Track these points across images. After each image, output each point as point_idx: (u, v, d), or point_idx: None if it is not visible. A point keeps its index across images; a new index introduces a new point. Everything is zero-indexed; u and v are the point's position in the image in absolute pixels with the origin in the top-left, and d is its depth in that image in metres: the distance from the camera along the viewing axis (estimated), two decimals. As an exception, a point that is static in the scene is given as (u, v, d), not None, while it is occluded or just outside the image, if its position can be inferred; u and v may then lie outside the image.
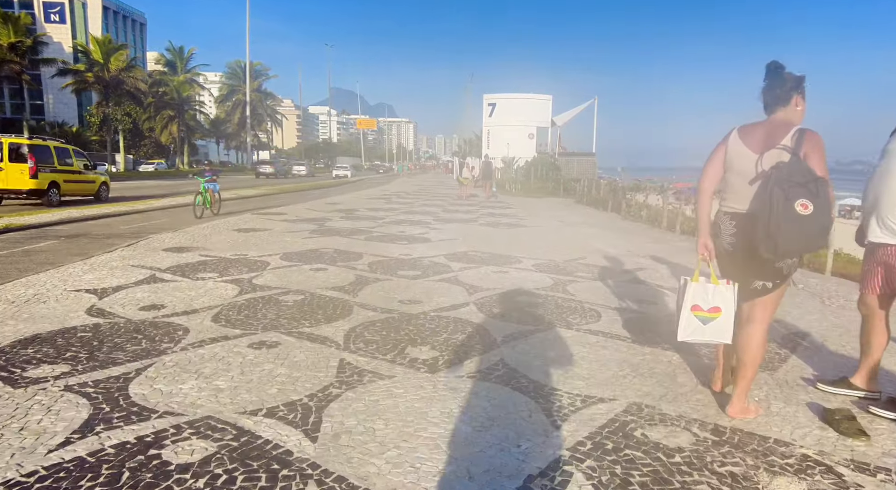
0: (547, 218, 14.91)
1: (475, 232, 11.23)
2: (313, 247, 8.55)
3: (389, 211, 15.59)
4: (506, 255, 8.20)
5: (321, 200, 19.43)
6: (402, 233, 10.63)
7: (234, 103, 66.19)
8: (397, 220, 12.93)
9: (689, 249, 9.63)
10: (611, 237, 11.01)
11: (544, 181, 29.64)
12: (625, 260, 8.17)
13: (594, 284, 6.34)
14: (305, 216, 13.46)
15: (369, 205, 17.80)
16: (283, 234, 9.93)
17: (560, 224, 13.40)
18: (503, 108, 50.72)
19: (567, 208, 19.19)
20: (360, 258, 7.64)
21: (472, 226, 12.35)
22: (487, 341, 4.14)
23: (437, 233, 10.81)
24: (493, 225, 12.67)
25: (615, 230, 12.48)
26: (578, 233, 11.62)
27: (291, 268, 6.82)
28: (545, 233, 11.43)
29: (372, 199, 21.01)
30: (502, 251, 8.64)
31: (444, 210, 16.52)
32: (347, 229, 10.93)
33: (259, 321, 4.52)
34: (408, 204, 18.62)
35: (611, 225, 13.72)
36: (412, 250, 8.46)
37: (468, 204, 19.37)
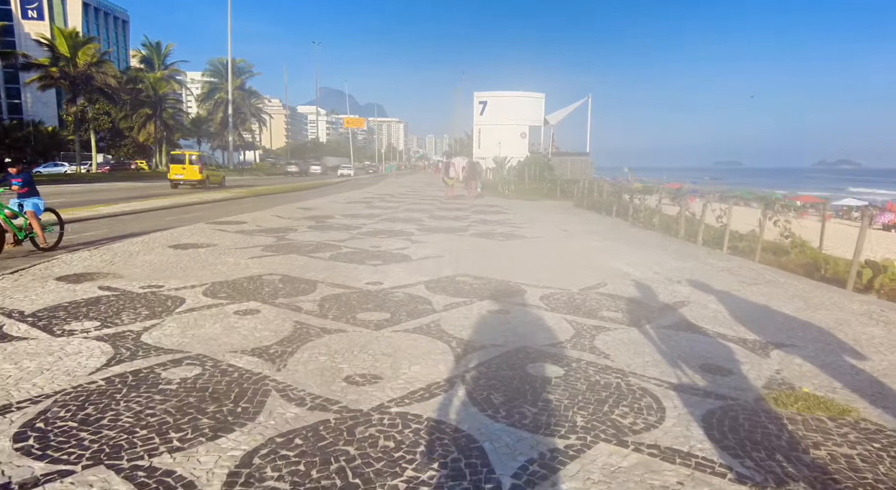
0: (546, 225, 13.10)
1: (465, 245, 9.40)
2: (256, 271, 6.67)
3: (368, 218, 13.72)
4: (505, 283, 6.37)
5: (294, 204, 17.51)
6: (376, 248, 8.77)
7: (217, 102, 63.78)
8: (374, 231, 11.07)
9: (726, 269, 7.86)
10: (627, 251, 9.21)
11: (539, 182, 27.89)
12: (657, 287, 6.36)
13: (631, 334, 4.52)
14: (267, 225, 11.55)
15: (348, 210, 15.91)
16: (227, 252, 8.04)
17: (563, 234, 11.60)
18: (494, 106, 48.99)
19: (566, 213, 17.41)
20: (312, 290, 5.77)
21: (461, 237, 10.52)
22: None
23: (419, 247, 8.97)
24: (486, 235, 10.83)
25: (628, 241, 10.69)
26: (587, 246, 9.82)
27: (210, 309, 4.94)
28: (548, 246, 9.61)
29: (352, 203, 19.11)
30: (500, 275, 6.80)
31: (431, 216, 14.68)
32: (311, 244, 9.05)
33: (89, 443, 2.64)
34: (391, 209, 16.75)
35: (621, 234, 11.93)
36: (385, 275, 6.60)
37: (457, 208, 17.53)
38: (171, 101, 52.69)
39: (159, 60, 50.64)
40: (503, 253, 8.69)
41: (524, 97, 49.76)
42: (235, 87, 63.13)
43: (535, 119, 48.90)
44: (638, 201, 14.72)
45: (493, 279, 6.56)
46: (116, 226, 11.48)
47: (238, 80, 64.38)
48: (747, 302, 5.81)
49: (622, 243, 10.32)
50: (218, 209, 15.85)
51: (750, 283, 6.82)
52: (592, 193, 18.92)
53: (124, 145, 59.53)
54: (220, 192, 24.07)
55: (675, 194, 12.31)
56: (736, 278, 7.14)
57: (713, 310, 5.42)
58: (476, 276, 6.71)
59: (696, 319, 5.04)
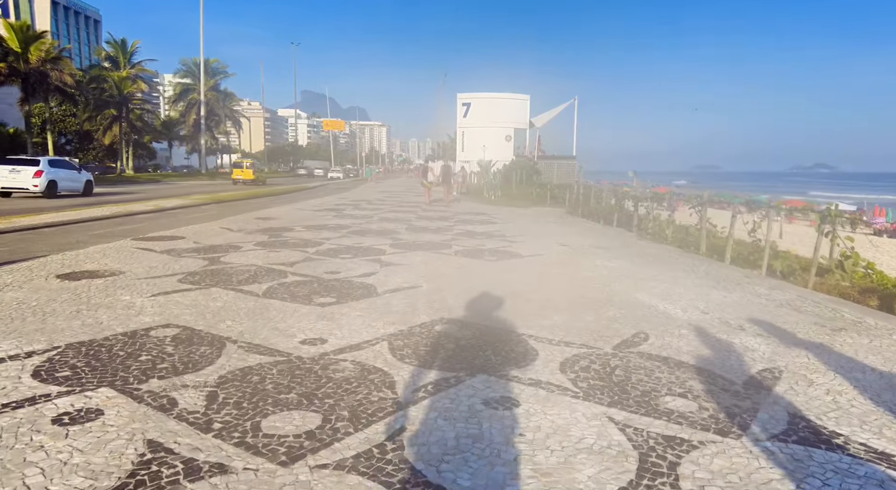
0: (543, 238, 11.22)
1: (449, 269, 7.46)
2: (147, 321, 4.65)
3: (335, 230, 11.71)
4: (506, 335, 4.44)
5: (254, 213, 15.42)
6: (333, 276, 6.79)
7: (189, 103, 61.17)
8: (337, 248, 9.08)
9: (786, 303, 6.04)
10: (650, 275, 7.35)
11: (527, 187, 26.10)
12: (718, 340, 4.49)
13: (735, 461, 2.61)
14: (207, 241, 9.49)
15: (313, 220, 13.88)
16: (129, 285, 6.00)
17: (565, 250, 9.72)
18: (478, 108, 47.17)
19: (561, 222, 15.57)
20: (212, 360, 3.77)
21: (444, 256, 8.58)
22: None
23: (389, 273, 7.01)
24: (474, 254, 8.91)
25: (645, 260, 8.84)
26: (599, 268, 7.94)
27: (19, 412, 2.93)
28: (552, 270, 7.71)
29: (320, 211, 17.06)
30: (497, 319, 4.88)
31: (410, 227, 12.73)
32: (248, 270, 7.03)
33: None
34: (364, 218, 14.76)
35: (632, 250, 10.09)
36: (333, 325, 4.63)
37: (440, 217, 15.60)
38: (137, 102, 49.92)
39: (125, 59, 47.85)
40: (497, 280, 6.76)
41: (509, 99, 48.07)
42: (209, 87, 60.68)
43: (521, 121, 47.19)
44: (644, 210, 12.92)
45: (488, 328, 4.62)
46: (21, 244, 9.33)
47: (211, 81, 61.92)
48: (862, 367, 3.96)
49: (639, 264, 8.46)
50: (164, 219, 13.72)
51: (836, 329, 4.99)
52: (589, 200, 17.12)
53: (92, 148, 56.58)
54: (177, 198, 21.78)
55: (694, 202, 10.50)
56: (811, 320, 5.30)
57: (826, 389, 3.54)
58: (464, 323, 4.76)
59: (817, 414, 3.15)
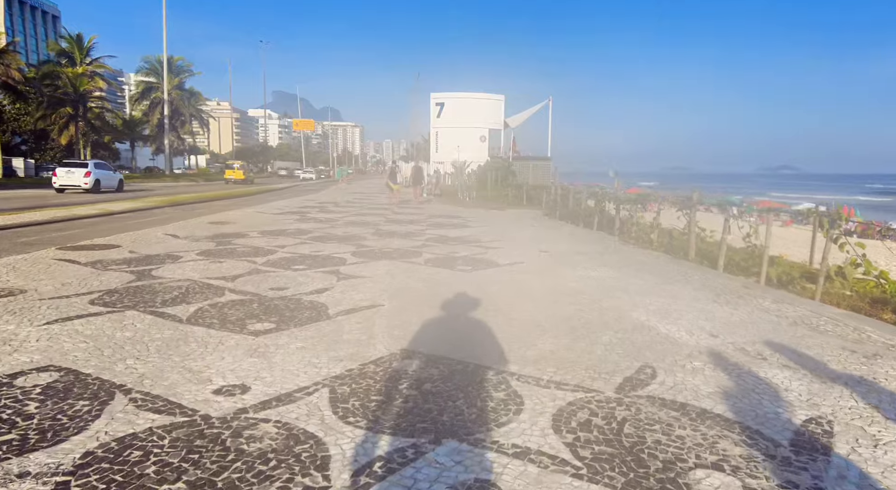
0: (522, 244, 10.38)
1: (416, 281, 6.54)
2: (25, 361, 3.60)
3: (294, 236, 10.68)
4: (481, 373, 3.54)
5: (208, 217, 14.24)
6: (279, 292, 5.80)
7: (153, 102, 58.98)
8: (291, 258, 8.07)
9: (801, 320, 5.29)
10: (642, 288, 6.55)
11: (502, 188, 25.36)
12: (742, 379, 3.66)
13: None
14: (143, 251, 8.38)
15: (272, 225, 12.81)
16: (25, 309, 4.91)
17: (547, 257, 8.88)
18: (452, 108, 46.38)
19: (539, 225, 14.79)
20: (85, 422, 2.78)
21: (412, 265, 7.65)
22: None
23: (347, 288, 6.05)
24: (446, 262, 8.00)
25: (633, 268, 8.05)
26: (586, 279, 7.11)
27: None
28: (534, 281, 6.85)
29: (282, 214, 15.96)
30: (469, 353, 3.97)
31: (377, 231, 11.76)
32: (180, 286, 5.99)
33: None
34: (328, 222, 13.73)
35: (617, 256, 9.31)
36: (262, 362, 3.66)
37: (411, 220, 14.67)
38: (95, 100, 47.63)
39: (81, 55, 45.55)
40: (472, 296, 5.87)
41: (483, 99, 47.44)
42: (173, 86, 58.59)
43: (495, 122, 46.58)
44: (626, 213, 12.20)
45: (460, 365, 3.72)
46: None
47: (176, 80, 59.83)
48: None
49: (627, 273, 7.67)
50: (107, 224, 12.47)
51: (869, 356, 4.22)
52: (567, 202, 16.38)
53: (49, 148, 53.95)
54: (130, 201, 20.35)
55: (680, 204, 9.80)
56: (836, 344, 4.53)
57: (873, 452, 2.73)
58: (430, 357, 3.85)
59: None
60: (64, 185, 24.54)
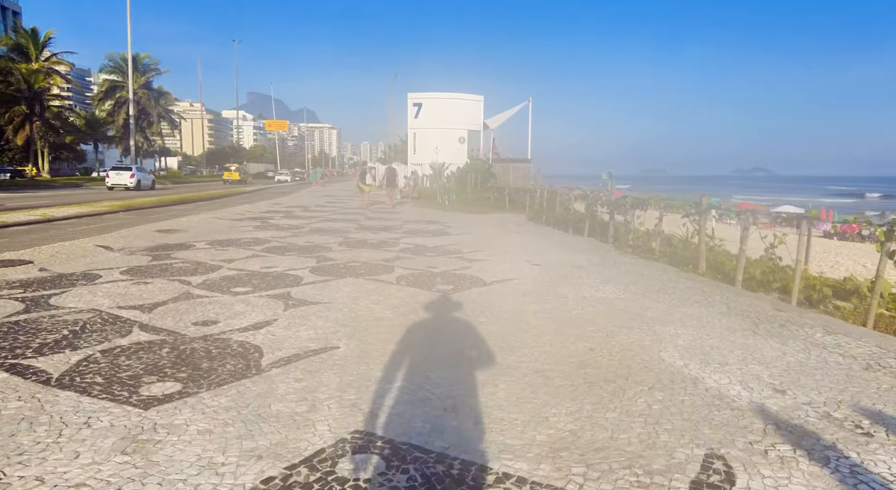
0: (509, 254, 9.18)
1: (383, 310, 5.26)
2: None
3: (247, 247, 9.31)
4: (473, 478, 2.28)
5: (158, 224, 12.74)
6: (205, 328, 4.47)
7: (118, 101, 56.48)
8: (236, 276, 6.73)
9: (879, 364, 4.17)
10: (665, 316, 5.37)
11: (483, 191, 24.21)
12: (860, 479, 2.49)
13: None
14: (59, 267, 6.94)
15: (226, 234, 11.40)
16: None
17: (540, 272, 7.68)
18: (430, 108, 45.08)
19: (525, 231, 13.62)
20: None
21: (380, 287, 6.37)
22: None
23: (295, 318, 4.75)
24: (422, 282, 6.73)
25: (643, 286, 6.89)
26: (591, 301, 5.92)
27: None
28: (530, 306, 5.63)
29: (242, 220, 14.52)
30: (451, 437, 2.71)
31: (345, 240, 10.45)
32: (77, 320, 4.62)
33: None
34: (292, 230, 12.36)
35: (618, 269, 8.16)
36: (131, 472, 2.34)
37: (384, 227, 13.38)
38: (51, 97, 45.17)
39: (36, 50, 43.07)
40: (455, 331, 4.62)
41: (462, 99, 46.25)
42: (139, 85, 56.19)
43: (475, 123, 45.46)
44: (621, 218, 11.08)
45: (440, 461, 2.46)
46: None
47: (143, 78, 57.42)
48: None
49: (636, 291, 6.51)
50: (37, 234, 10.92)
51: None
52: (554, 206, 15.24)
53: (8, 149, 51.23)
54: (80, 206, 18.61)
55: (692, 210, 8.71)
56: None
57: None
58: (396, 449, 2.58)
59: None
60: (115, 184, 30.64)
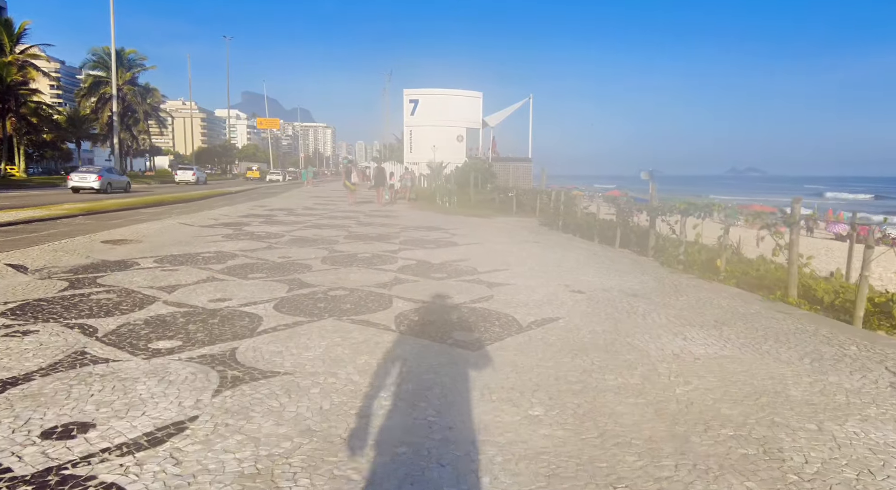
0: (538, 274, 7.23)
1: (376, 392, 3.31)
2: None
3: (206, 263, 7.33)
4: None
5: (108, 232, 10.73)
6: (72, 437, 2.52)
7: (102, 98, 54.24)
8: (172, 314, 4.75)
9: None
10: (827, 399, 3.45)
11: (487, 192, 22.30)
12: None
13: None
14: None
15: (188, 244, 9.41)
16: None
17: (591, 308, 5.73)
18: (427, 105, 43.10)
19: (543, 240, 11.68)
20: None
21: (372, 335, 4.40)
22: None
23: (231, 411, 2.79)
24: (431, 324, 4.77)
25: (745, 332, 4.97)
26: (693, 364, 3.97)
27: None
28: (608, 379, 3.68)
29: (214, 226, 12.52)
30: None
31: (330, 255, 8.49)
32: None
33: None
34: (269, 240, 10.38)
35: (689, 298, 6.23)
36: None
37: (378, 235, 11.41)
38: (26, 92, 42.88)
39: (10, 43, 40.76)
40: (498, 466, 2.68)
41: (460, 96, 44.32)
42: (124, 81, 54.00)
43: (473, 120, 43.53)
44: (666, 227, 9.15)
45: None
46: None
47: (128, 74, 55.22)
48: None
49: (744, 344, 4.57)
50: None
51: None
52: (573, 211, 13.31)
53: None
54: (34, 209, 16.48)
55: (772, 219, 6.80)
56: None
57: None
58: None
59: None
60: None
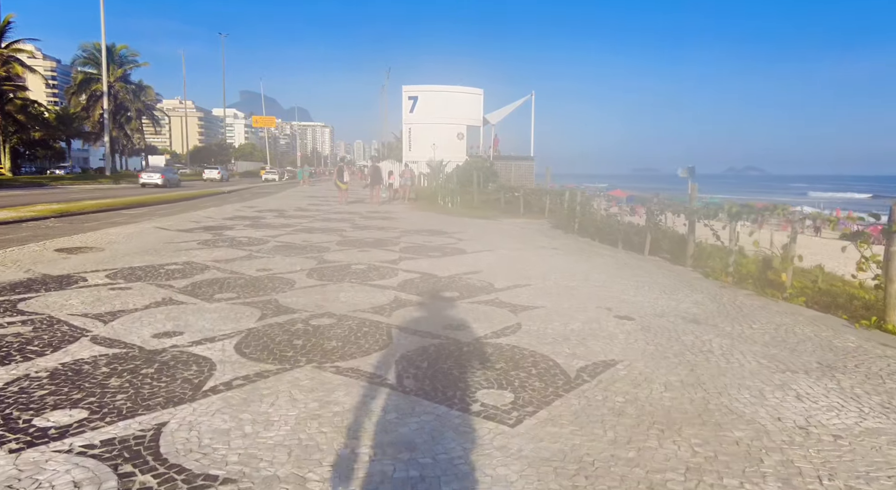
0: (570, 293, 5.98)
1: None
2: None
3: (172, 278, 6.08)
4: None
5: (72, 237, 9.47)
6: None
7: (93, 95, 52.96)
8: (93, 363, 3.51)
9: None
10: None
11: (492, 192, 21.05)
12: None
13: None
14: None
15: (156, 254, 8.16)
16: None
17: (647, 339, 4.48)
18: (427, 102, 41.78)
19: (560, 246, 10.43)
20: None
21: (364, 397, 3.16)
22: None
23: None
24: (442, 365, 3.52)
25: (864, 380, 3.74)
26: (833, 444, 2.75)
27: None
28: (695, 444, 2.43)
29: (192, 231, 11.26)
30: None
31: (318, 266, 7.24)
32: None
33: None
34: (249, 247, 9.13)
35: (765, 325, 4.98)
36: None
37: (376, 239, 10.16)
38: (10, 88, 41.54)
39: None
40: None
41: (461, 93, 42.98)
42: (116, 78, 52.75)
43: (474, 118, 42.25)
44: (707, 231, 7.90)
45: None
46: None
47: (119, 71, 53.92)
48: None
49: (849, 391, 3.33)
50: None
51: None
52: (590, 213, 12.07)
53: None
54: (4, 211, 15.26)
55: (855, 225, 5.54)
56: None
57: None
58: None
59: None
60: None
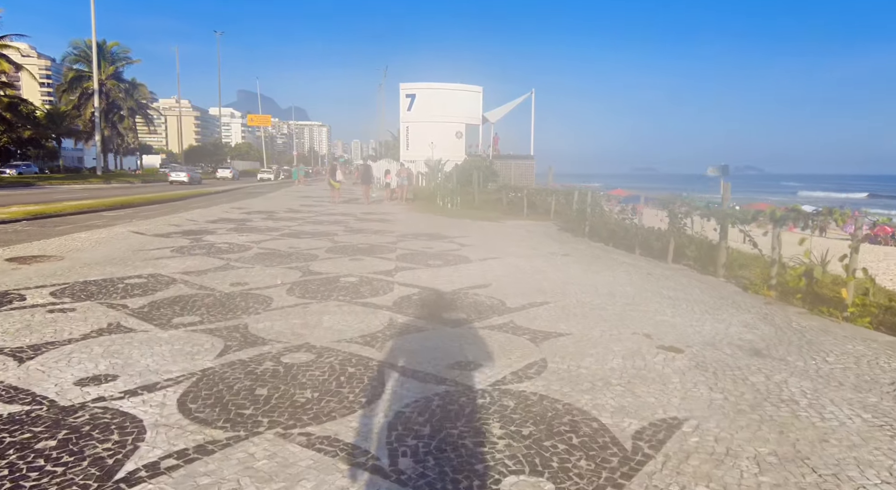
0: (596, 313, 5.08)
1: None
2: None
3: (130, 296, 5.15)
4: None
5: (32, 244, 8.53)
6: None
7: (84, 93, 51.88)
8: (26, 406, 2.59)
9: None
10: None
11: (494, 192, 20.15)
12: None
13: None
14: None
15: (120, 264, 7.22)
16: None
17: (710, 384, 3.57)
18: (424, 100, 40.83)
19: (573, 251, 9.51)
20: None
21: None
22: None
23: None
24: (453, 429, 2.62)
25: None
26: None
27: None
28: None
29: (169, 236, 10.31)
30: None
31: (302, 278, 6.32)
32: None
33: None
34: (231, 253, 8.19)
35: (843, 360, 4.10)
36: None
37: (370, 245, 9.23)
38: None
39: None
40: None
41: (460, 90, 42.04)
42: (108, 75, 51.66)
43: (473, 116, 41.32)
44: (742, 237, 7.01)
45: None
46: None
47: (111, 68, 52.81)
48: None
49: None
50: None
51: None
52: (604, 216, 11.16)
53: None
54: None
55: None
56: None
57: None
58: None
59: None
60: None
